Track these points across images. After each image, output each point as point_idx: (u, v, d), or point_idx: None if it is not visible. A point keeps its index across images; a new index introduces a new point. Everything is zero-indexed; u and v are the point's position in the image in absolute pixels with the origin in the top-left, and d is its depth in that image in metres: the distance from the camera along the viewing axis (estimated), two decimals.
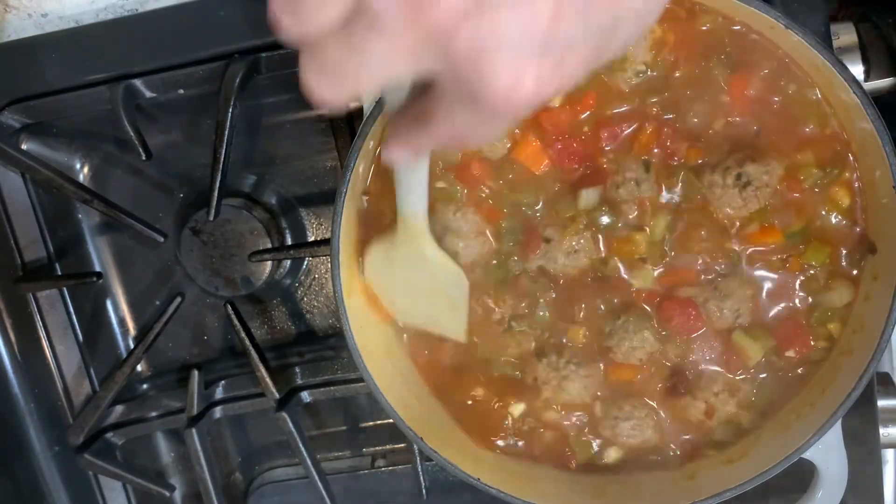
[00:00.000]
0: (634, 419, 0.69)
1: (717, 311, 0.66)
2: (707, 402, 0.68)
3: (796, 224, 0.66)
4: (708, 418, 0.69)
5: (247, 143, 0.80)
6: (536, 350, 0.70)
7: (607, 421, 0.70)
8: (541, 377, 0.69)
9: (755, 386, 0.69)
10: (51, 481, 0.85)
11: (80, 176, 0.85)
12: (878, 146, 0.60)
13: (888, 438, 0.73)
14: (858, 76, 0.68)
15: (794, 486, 0.68)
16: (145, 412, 0.86)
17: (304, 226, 0.84)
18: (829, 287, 0.66)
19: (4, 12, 0.78)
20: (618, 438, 0.70)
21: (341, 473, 0.86)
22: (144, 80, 0.76)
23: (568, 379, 0.69)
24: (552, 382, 0.69)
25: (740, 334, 0.67)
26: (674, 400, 0.69)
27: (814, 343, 0.67)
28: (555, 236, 0.67)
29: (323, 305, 0.86)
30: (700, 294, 0.67)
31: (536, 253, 0.68)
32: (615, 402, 0.70)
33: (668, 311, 0.67)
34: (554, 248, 0.67)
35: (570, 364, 0.69)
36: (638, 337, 0.67)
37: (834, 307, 0.67)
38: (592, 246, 0.67)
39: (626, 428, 0.69)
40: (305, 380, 0.84)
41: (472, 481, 0.69)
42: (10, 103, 0.77)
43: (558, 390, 0.69)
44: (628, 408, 0.69)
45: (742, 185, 0.64)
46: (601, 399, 0.70)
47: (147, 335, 0.81)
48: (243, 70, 0.73)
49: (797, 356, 0.68)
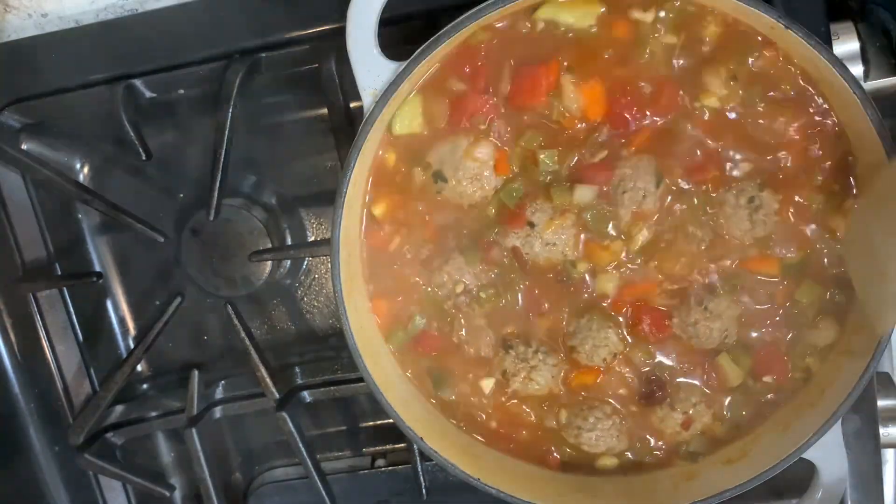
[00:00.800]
0: (598, 430, 0.69)
1: (707, 332, 0.66)
2: (686, 413, 0.69)
3: (796, 255, 0.66)
4: (684, 429, 0.69)
5: (247, 143, 0.80)
6: (504, 341, 0.70)
7: (570, 430, 0.70)
8: (509, 370, 0.69)
9: (730, 403, 0.69)
10: (51, 481, 0.85)
11: (80, 176, 0.85)
12: (878, 146, 0.60)
13: (888, 438, 0.73)
14: (858, 76, 0.68)
15: (794, 486, 0.68)
16: (145, 412, 0.86)
17: (304, 226, 0.84)
18: (815, 325, 0.67)
19: (4, 12, 0.78)
20: (581, 447, 0.71)
21: (341, 473, 0.86)
22: (144, 80, 0.76)
23: (536, 369, 0.69)
24: (520, 374, 0.69)
25: (725, 357, 0.68)
26: (650, 408, 0.70)
27: (791, 374, 0.68)
28: (540, 222, 0.67)
29: (323, 305, 0.86)
30: (687, 313, 0.67)
31: (517, 232, 0.68)
32: (580, 412, 0.70)
33: (637, 318, 0.68)
34: (534, 235, 0.67)
35: (538, 354, 0.69)
36: (601, 335, 0.68)
37: (815, 345, 0.67)
38: (571, 245, 0.68)
39: (589, 438, 0.70)
40: (305, 380, 0.84)
41: (472, 481, 0.69)
42: (10, 103, 0.77)
43: (527, 381, 0.69)
44: (592, 419, 0.70)
45: (753, 208, 0.64)
46: (566, 406, 0.71)
47: (147, 335, 0.81)
48: (243, 70, 0.73)
49: (774, 383, 0.68)
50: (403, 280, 0.70)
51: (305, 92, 0.79)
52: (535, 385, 0.69)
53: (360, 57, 0.62)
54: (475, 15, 0.60)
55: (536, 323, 0.70)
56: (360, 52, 0.62)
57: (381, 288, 0.71)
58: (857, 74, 0.66)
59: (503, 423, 0.72)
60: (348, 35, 0.61)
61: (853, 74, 0.59)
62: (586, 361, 0.68)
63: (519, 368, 0.69)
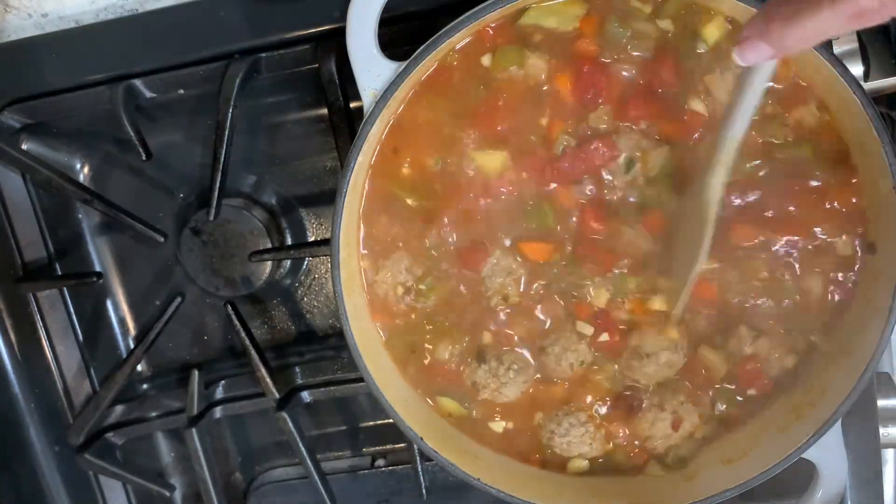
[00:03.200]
0: (570, 437, 0.70)
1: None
2: (675, 412, 0.69)
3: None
4: (674, 430, 0.70)
5: (247, 143, 0.80)
6: (477, 353, 0.70)
7: (544, 433, 0.71)
8: (480, 382, 0.70)
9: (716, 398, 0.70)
10: (51, 481, 0.85)
11: (80, 176, 0.85)
12: (878, 146, 0.60)
13: (888, 438, 0.73)
14: (858, 76, 0.68)
15: (794, 486, 0.68)
16: (145, 412, 0.86)
17: (304, 226, 0.84)
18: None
19: (4, 12, 0.78)
20: (554, 450, 0.71)
21: (341, 473, 0.86)
22: (144, 80, 0.76)
23: (507, 384, 0.69)
24: (490, 386, 0.70)
25: (707, 349, 0.68)
26: (634, 417, 0.70)
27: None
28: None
29: (323, 305, 0.86)
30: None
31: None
32: (555, 416, 0.71)
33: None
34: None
35: (510, 370, 0.69)
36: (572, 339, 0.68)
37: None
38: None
39: (561, 443, 0.70)
40: (305, 380, 0.84)
41: (472, 481, 0.69)
42: (10, 103, 0.77)
43: (496, 394, 0.70)
44: (567, 424, 0.70)
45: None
46: (542, 410, 0.71)
47: (147, 335, 0.81)
48: (243, 70, 0.73)
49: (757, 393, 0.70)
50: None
51: (305, 92, 0.79)
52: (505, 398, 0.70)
53: (360, 57, 0.62)
54: (475, 15, 0.60)
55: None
56: (360, 52, 0.62)
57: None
58: (857, 74, 0.66)
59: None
60: (348, 35, 0.61)
61: (853, 74, 0.59)
62: (554, 366, 0.69)
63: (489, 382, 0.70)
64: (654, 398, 0.70)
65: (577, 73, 0.65)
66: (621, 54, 0.64)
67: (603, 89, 0.64)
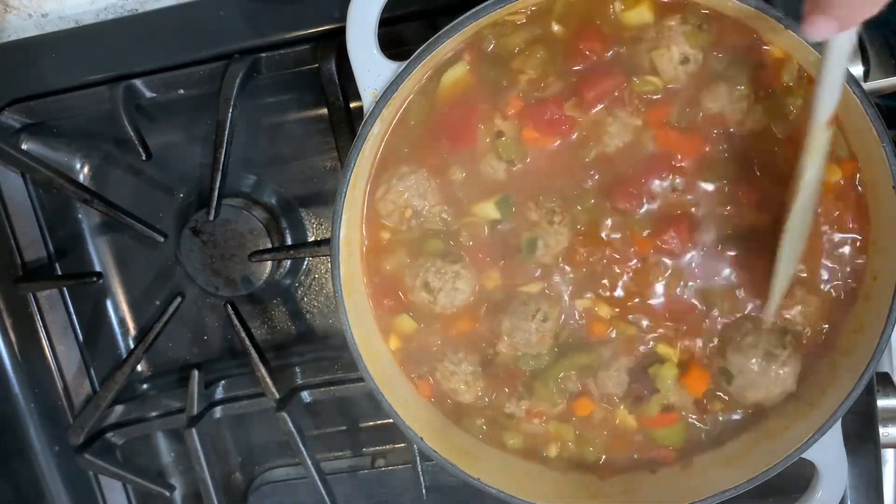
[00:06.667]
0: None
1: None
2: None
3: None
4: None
5: (247, 143, 0.80)
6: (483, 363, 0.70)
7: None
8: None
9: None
10: (51, 481, 0.85)
11: (80, 176, 0.85)
12: (878, 146, 0.60)
13: (888, 438, 0.73)
14: (858, 76, 0.68)
15: (794, 486, 0.68)
16: (145, 412, 0.86)
17: (304, 226, 0.84)
18: None
19: (4, 12, 0.78)
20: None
21: (341, 473, 0.86)
22: (144, 80, 0.76)
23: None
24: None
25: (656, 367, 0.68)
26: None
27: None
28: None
29: (323, 305, 0.86)
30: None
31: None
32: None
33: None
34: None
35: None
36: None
37: None
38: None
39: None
40: (305, 380, 0.84)
41: (472, 481, 0.69)
42: (10, 103, 0.77)
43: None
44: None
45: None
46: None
47: (147, 335, 0.81)
48: (243, 70, 0.73)
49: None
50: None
51: (305, 92, 0.79)
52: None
53: (360, 57, 0.62)
54: (475, 15, 0.60)
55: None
56: (360, 52, 0.62)
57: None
58: (857, 74, 0.66)
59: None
60: (348, 35, 0.61)
61: (853, 74, 0.59)
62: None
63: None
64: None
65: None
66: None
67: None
